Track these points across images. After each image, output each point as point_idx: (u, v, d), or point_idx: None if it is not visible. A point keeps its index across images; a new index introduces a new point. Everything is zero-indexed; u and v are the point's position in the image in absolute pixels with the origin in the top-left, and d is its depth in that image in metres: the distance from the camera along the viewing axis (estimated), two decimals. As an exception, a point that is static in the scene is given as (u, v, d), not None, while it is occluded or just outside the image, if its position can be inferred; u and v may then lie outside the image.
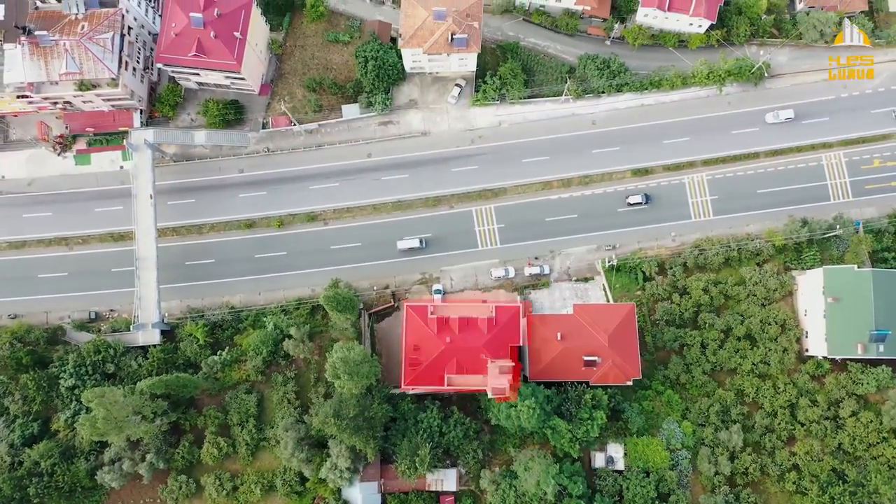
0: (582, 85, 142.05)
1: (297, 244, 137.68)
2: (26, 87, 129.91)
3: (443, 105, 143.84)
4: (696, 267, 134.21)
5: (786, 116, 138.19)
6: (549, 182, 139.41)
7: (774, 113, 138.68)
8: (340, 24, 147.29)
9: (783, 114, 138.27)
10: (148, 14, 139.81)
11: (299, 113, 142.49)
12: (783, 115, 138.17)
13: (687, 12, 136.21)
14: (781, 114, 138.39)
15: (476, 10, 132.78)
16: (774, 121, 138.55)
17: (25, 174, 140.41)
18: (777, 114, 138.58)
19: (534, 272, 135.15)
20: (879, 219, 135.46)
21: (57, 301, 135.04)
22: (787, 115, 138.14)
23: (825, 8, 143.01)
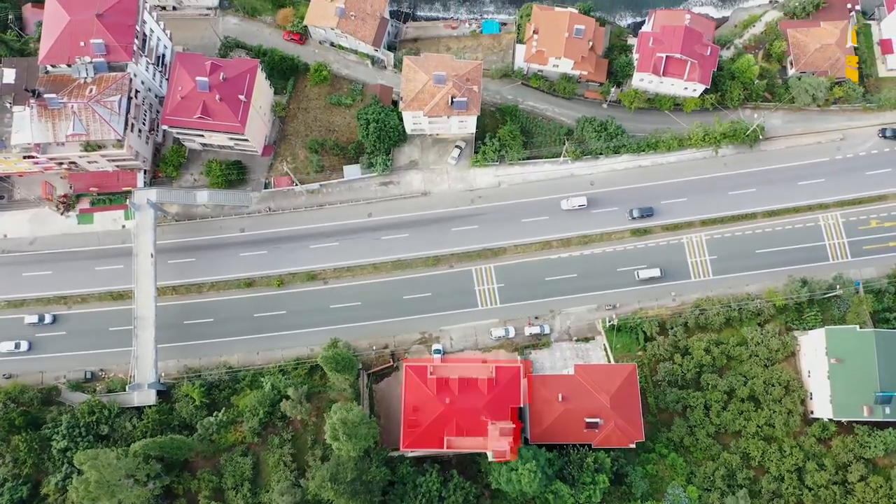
0: (580, 147, 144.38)
1: (296, 303, 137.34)
2: (33, 147, 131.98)
3: (443, 166, 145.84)
4: (697, 327, 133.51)
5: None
6: (549, 242, 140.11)
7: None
8: (343, 88, 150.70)
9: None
10: (155, 78, 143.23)
11: (301, 173, 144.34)
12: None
13: (681, 77, 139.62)
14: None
15: (475, 74, 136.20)
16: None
17: (28, 233, 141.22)
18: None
19: (534, 332, 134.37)
20: (879, 279, 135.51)
21: (53, 360, 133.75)
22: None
23: (816, 73, 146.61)
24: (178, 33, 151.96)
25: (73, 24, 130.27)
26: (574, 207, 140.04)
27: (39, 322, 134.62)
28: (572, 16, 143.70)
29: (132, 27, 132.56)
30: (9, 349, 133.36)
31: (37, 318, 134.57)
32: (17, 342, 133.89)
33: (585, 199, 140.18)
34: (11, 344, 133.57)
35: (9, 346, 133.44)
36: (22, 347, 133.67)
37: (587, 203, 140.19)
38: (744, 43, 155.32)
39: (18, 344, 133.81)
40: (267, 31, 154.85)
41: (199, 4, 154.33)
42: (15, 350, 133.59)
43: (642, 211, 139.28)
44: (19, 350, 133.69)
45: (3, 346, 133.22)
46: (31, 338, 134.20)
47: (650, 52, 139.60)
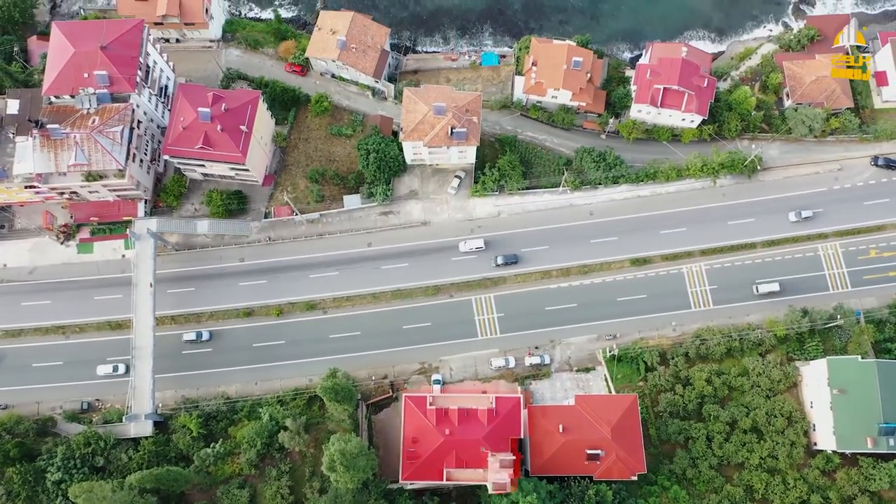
0: (579, 177, 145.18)
1: (295, 333, 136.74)
2: (35, 177, 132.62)
3: (443, 196, 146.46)
4: (698, 357, 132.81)
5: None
6: (549, 271, 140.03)
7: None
8: (344, 119, 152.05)
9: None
10: (158, 109, 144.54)
11: (301, 203, 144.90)
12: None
13: (679, 108, 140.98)
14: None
15: (475, 105, 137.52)
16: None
17: (27, 262, 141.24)
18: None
19: (534, 362, 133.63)
20: (880, 309, 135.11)
21: (50, 391, 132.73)
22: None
23: (812, 104, 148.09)
24: (182, 65, 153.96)
25: (78, 56, 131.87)
26: (471, 250, 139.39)
27: (198, 339, 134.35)
28: (570, 48, 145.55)
29: (136, 59, 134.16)
30: (106, 372, 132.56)
31: (194, 336, 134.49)
32: (115, 365, 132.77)
33: (483, 242, 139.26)
34: (109, 367, 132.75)
35: (107, 368, 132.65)
36: (119, 370, 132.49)
37: (484, 246, 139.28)
38: (740, 75, 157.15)
39: (116, 367, 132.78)
40: (269, 62, 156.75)
41: (202, 37, 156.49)
42: (113, 373, 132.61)
43: (507, 258, 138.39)
44: (117, 373, 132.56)
45: (101, 370, 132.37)
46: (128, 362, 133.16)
47: (648, 84, 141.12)
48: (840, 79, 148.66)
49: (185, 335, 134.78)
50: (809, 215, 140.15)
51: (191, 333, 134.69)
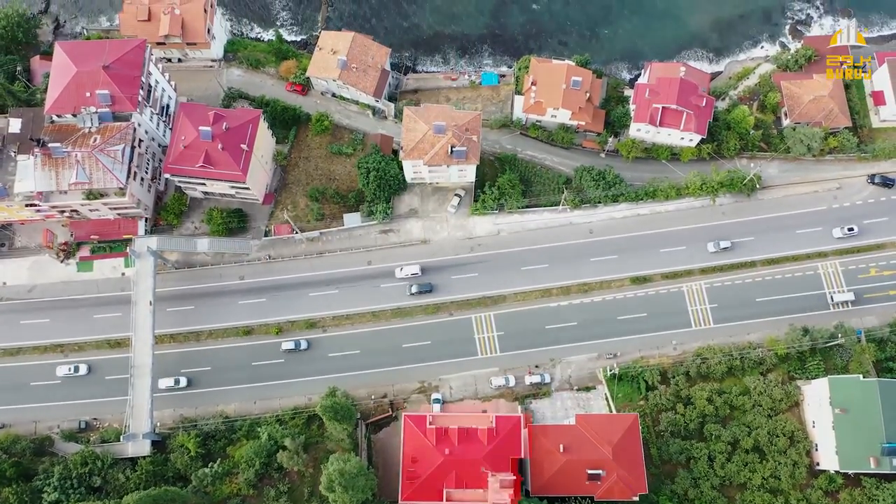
0: (579, 195, 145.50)
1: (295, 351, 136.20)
2: (35, 196, 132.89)
3: (442, 214, 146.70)
4: (699, 376, 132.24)
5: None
6: (549, 290, 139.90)
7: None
8: (344, 137, 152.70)
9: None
10: (159, 127, 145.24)
11: (301, 221, 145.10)
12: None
13: (678, 127, 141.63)
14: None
15: (475, 124, 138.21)
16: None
17: (27, 280, 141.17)
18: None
19: (534, 381, 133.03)
20: (881, 327, 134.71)
21: (47, 410, 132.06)
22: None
23: (811, 124, 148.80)
24: (183, 84, 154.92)
25: (80, 76, 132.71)
26: (408, 276, 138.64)
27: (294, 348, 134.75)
28: (569, 68, 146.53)
29: (138, 78, 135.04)
30: (168, 385, 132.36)
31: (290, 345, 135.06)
32: (177, 378, 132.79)
33: (419, 268, 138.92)
34: (171, 380, 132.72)
35: (168, 382, 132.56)
36: (181, 383, 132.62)
37: (420, 272, 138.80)
38: (738, 94, 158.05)
39: (178, 380, 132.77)
40: (270, 82, 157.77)
41: (203, 57, 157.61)
42: (175, 386, 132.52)
43: (421, 287, 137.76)
44: (179, 386, 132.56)
45: (163, 383, 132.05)
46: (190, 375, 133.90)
47: (646, 104, 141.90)
48: (838, 98, 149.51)
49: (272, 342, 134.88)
50: (728, 245, 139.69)
51: (288, 340, 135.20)
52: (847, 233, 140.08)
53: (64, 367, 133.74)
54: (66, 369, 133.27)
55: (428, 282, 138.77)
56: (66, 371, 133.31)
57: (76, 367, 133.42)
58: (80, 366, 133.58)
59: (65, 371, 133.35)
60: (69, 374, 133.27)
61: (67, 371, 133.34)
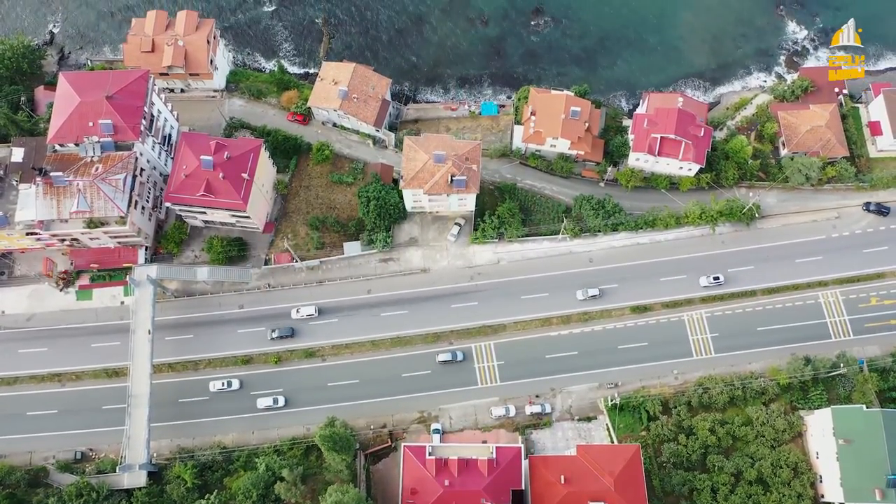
0: (578, 224, 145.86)
1: (293, 381, 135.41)
2: (36, 224, 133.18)
3: (443, 243, 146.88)
4: (701, 406, 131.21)
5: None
6: (549, 319, 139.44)
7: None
8: (344, 167, 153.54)
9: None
10: (161, 156, 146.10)
11: (301, 250, 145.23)
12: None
13: (676, 157, 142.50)
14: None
15: (475, 153, 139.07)
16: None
17: (26, 309, 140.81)
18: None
19: (535, 411, 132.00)
20: (883, 357, 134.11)
21: (43, 440, 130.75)
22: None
23: (808, 153, 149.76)
24: (185, 114, 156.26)
25: (83, 106, 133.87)
26: (303, 317, 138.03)
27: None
28: (568, 98, 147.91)
29: (140, 108, 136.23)
30: (266, 405, 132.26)
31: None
32: (275, 398, 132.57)
33: (315, 309, 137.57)
34: (269, 399, 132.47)
35: (267, 401, 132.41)
36: (279, 402, 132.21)
37: (316, 313, 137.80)
38: (736, 124, 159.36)
39: (276, 399, 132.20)
40: (271, 112, 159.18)
41: (206, 87, 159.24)
42: (273, 405, 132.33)
43: (281, 331, 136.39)
44: (277, 405, 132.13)
45: (262, 402, 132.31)
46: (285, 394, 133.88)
47: (645, 133, 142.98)
48: (835, 128, 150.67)
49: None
50: (596, 293, 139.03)
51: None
52: (713, 282, 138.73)
53: (62, 396, 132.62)
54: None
55: (289, 326, 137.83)
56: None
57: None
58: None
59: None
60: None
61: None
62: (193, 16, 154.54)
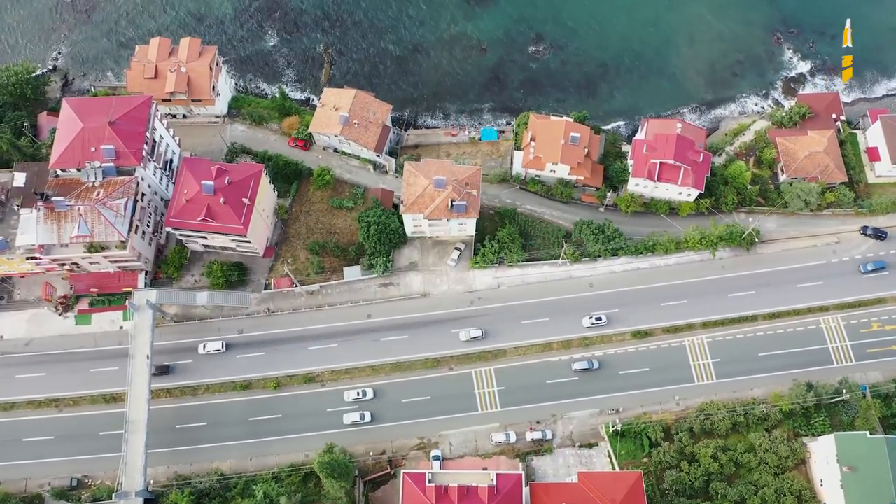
0: (578, 249, 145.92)
1: (292, 407, 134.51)
2: (36, 249, 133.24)
3: (443, 267, 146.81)
4: (703, 432, 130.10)
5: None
6: (549, 344, 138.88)
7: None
8: (345, 191, 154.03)
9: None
10: (162, 181, 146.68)
11: (302, 274, 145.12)
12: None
13: (676, 182, 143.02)
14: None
15: (475, 178, 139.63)
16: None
17: (24, 334, 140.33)
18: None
19: (536, 437, 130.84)
20: (886, 383, 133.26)
21: (39, 466, 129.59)
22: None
23: (807, 179, 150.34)
24: (187, 139, 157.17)
25: (86, 131, 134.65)
26: (211, 352, 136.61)
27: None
28: (568, 124, 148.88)
29: (142, 134, 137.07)
30: (354, 420, 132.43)
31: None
32: (362, 413, 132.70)
33: (222, 345, 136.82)
34: (356, 415, 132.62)
35: (354, 417, 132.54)
36: (366, 419, 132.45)
37: (224, 348, 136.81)
38: (735, 150, 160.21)
39: (363, 416, 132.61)
40: (273, 137, 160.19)
41: (208, 113, 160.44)
42: (360, 421, 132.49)
43: (159, 369, 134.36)
44: (364, 421, 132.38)
45: (348, 419, 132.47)
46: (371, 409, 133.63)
47: (644, 159, 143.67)
48: (833, 154, 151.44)
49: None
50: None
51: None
52: (595, 322, 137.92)
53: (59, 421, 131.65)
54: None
55: (166, 364, 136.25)
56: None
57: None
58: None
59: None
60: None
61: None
62: (197, 43, 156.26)
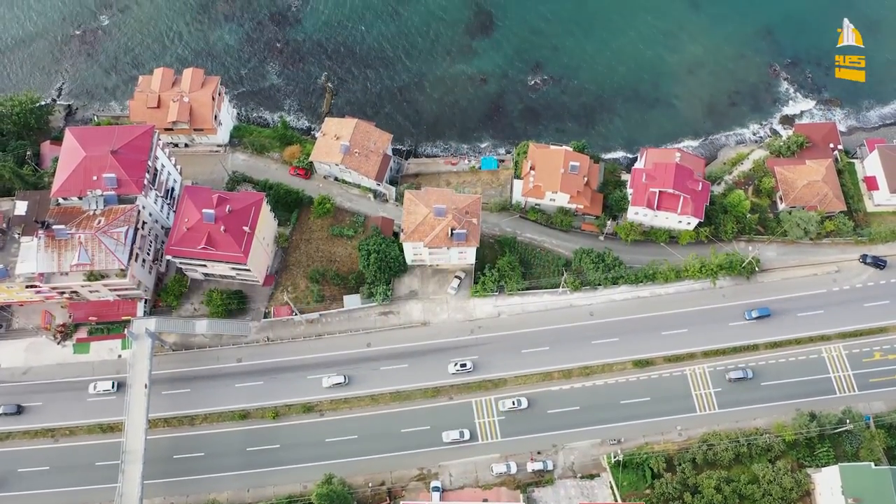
0: (578, 277, 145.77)
1: (291, 436, 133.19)
2: (36, 277, 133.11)
3: (443, 296, 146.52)
4: (706, 463, 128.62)
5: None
6: (550, 373, 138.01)
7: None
8: (345, 220, 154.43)
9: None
10: (163, 210, 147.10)
11: (301, 303, 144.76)
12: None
13: (675, 211, 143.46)
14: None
15: (475, 207, 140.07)
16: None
17: (22, 363, 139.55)
18: None
19: (536, 468, 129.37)
20: (889, 413, 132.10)
21: (34, 498, 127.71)
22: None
23: (806, 208, 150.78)
24: (189, 168, 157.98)
25: (88, 160, 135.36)
26: (100, 391, 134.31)
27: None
28: (567, 153, 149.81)
29: (144, 163, 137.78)
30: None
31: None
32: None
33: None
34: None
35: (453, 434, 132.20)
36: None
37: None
38: (734, 179, 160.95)
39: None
40: (274, 166, 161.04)
41: (210, 142, 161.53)
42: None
43: (10, 409, 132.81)
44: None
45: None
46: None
47: (643, 188, 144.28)
48: (831, 183, 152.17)
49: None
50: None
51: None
52: (460, 369, 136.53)
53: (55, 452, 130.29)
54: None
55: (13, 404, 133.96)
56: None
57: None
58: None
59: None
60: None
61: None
62: (199, 73, 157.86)
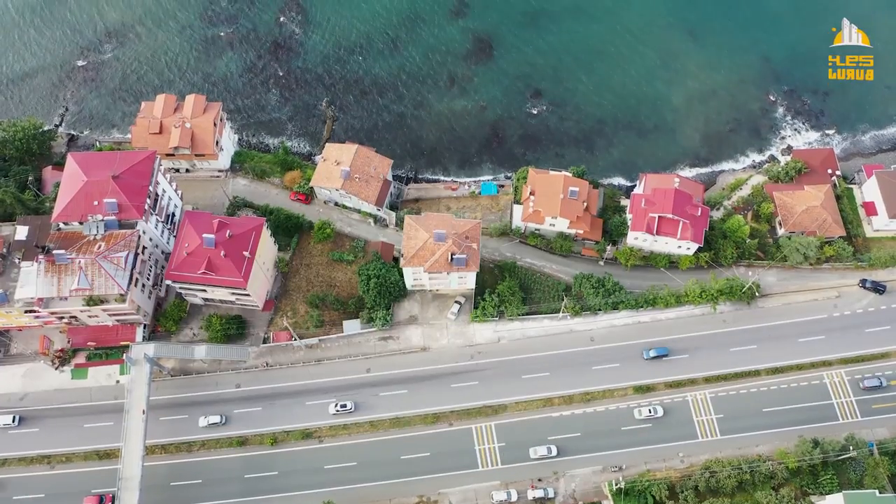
0: (579, 302, 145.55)
1: (289, 463, 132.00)
2: (35, 302, 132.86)
3: (443, 321, 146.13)
4: (709, 490, 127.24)
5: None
6: (550, 399, 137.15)
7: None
8: (345, 245, 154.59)
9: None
10: (163, 234, 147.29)
11: (301, 328, 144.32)
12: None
13: (675, 236, 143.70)
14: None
15: (475, 232, 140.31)
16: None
17: (19, 388, 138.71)
18: None
19: (537, 496, 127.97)
20: (893, 440, 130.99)
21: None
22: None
23: (805, 233, 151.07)
24: (190, 193, 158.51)
25: (90, 185, 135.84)
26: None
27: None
28: (566, 178, 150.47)
29: (145, 188, 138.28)
30: (541, 454, 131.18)
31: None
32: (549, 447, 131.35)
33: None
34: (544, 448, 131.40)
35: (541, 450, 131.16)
36: (553, 452, 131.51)
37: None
38: (733, 204, 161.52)
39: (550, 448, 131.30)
40: (274, 191, 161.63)
41: (211, 167, 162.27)
42: (547, 455, 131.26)
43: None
44: (550, 455, 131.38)
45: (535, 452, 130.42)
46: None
47: (643, 213, 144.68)
48: (830, 208, 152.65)
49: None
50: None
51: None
52: (341, 409, 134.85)
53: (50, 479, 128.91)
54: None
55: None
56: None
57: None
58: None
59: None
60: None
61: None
62: (201, 99, 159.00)
